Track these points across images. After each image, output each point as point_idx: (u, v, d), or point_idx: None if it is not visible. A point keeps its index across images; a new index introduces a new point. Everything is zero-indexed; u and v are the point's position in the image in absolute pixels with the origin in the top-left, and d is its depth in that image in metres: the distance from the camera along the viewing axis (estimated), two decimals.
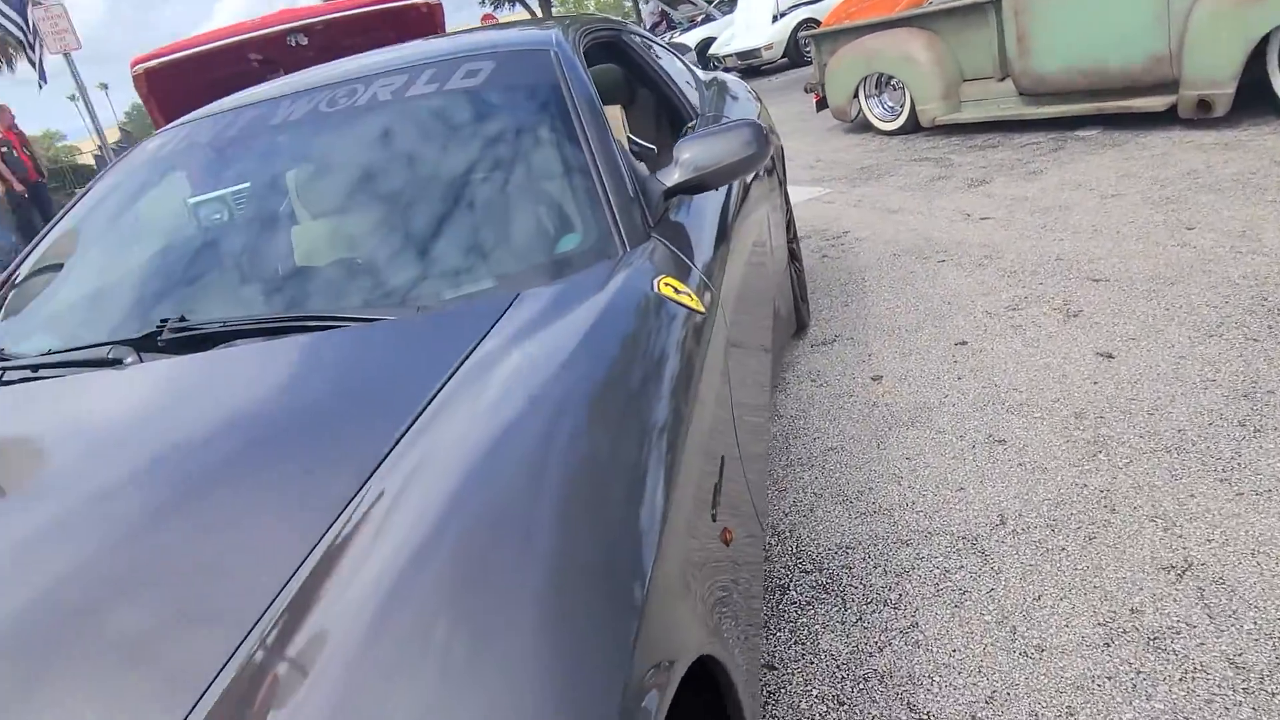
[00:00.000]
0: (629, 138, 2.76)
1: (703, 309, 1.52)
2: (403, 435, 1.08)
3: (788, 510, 2.38)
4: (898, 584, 2.01)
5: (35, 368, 1.62)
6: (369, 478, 1.00)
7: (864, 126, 7.32)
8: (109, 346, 1.56)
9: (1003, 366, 2.89)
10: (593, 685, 0.78)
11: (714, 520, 1.27)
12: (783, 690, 1.79)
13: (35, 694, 0.83)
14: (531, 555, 0.88)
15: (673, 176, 1.81)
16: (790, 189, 5.99)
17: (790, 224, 3.65)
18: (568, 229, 1.69)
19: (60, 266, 2.07)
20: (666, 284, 1.50)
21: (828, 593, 2.04)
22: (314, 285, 1.68)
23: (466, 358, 1.26)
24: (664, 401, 1.23)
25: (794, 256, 3.63)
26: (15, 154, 10.52)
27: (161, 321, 1.57)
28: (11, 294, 1.98)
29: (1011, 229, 4.16)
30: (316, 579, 0.87)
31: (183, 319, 1.58)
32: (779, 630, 1.95)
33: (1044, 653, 1.73)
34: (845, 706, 1.72)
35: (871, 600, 1.98)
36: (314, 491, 1.02)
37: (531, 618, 0.81)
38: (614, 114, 2.74)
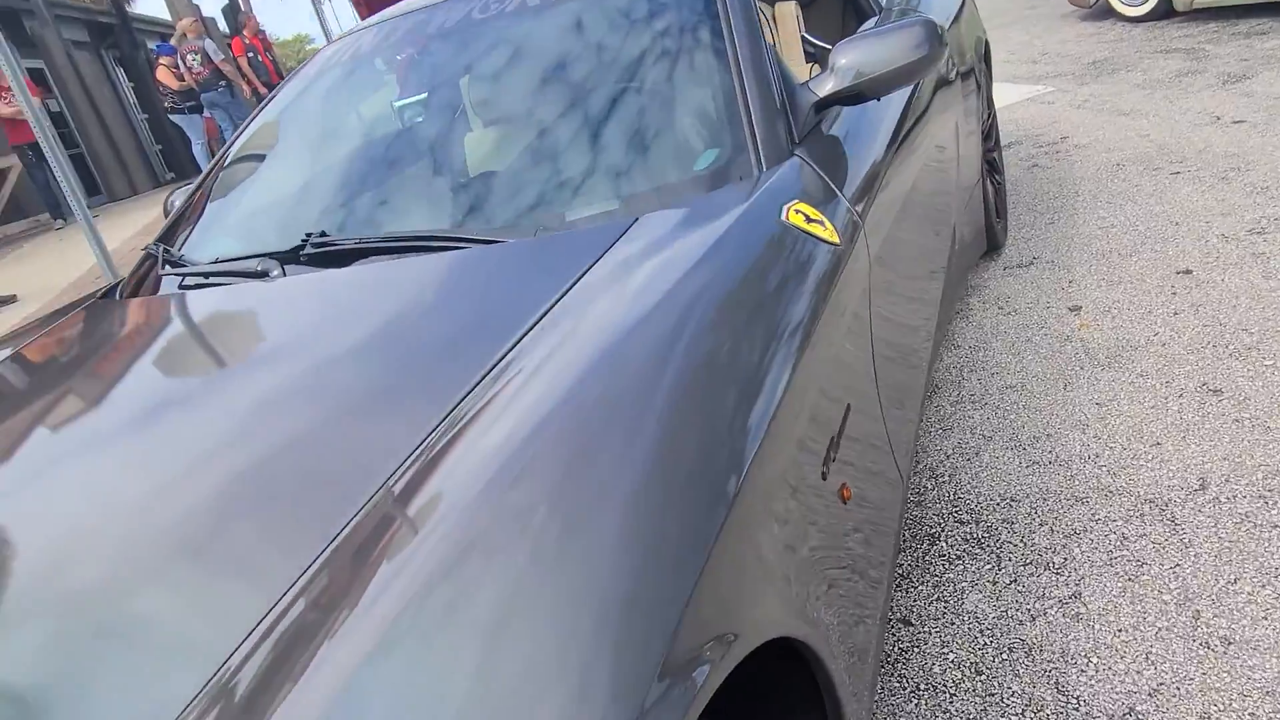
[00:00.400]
0: (804, 37, 2.54)
1: (837, 240, 1.36)
2: (502, 358, 1.08)
3: (950, 452, 2.19)
4: (1064, 546, 1.80)
5: (206, 275, 1.72)
6: (479, 381, 1.04)
7: (1104, 13, 6.44)
8: (258, 259, 1.63)
9: (1232, 302, 2.48)
10: (651, 629, 0.76)
11: (824, 478, 1.16)
12: (916, 650, 1.66)
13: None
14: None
15: (825, 86, 1.62)
16: (1003, 87, 5.41)
17: (992, 131, 3.28)
18: (702, 145, 1.56)
19: (247, 174, 2.18)
20: (798, 211, 1.35)
21: (982, 548, 1.86)
22: (450, 202, 1.66)
23: (571, 288, 1.21)
24: (770, 346, 1.11)
25: (994, 168, 3.28)
26: (259, 58, 11.40)
27: (306, 236, 1.62)
28: (203, 201, 2.11)
29: (1270, 135, 3.53)
30: (437, 455, 0.93)
31: (323, 234, 1.61)
32: (920, 583, 1.81)
33: (1231, 647, 1.49)
34: (983, 676, 1.57)
35: (1031, 562, 1.79)
36: (429, 390, 1.07)
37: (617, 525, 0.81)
38: (788, 11, 2.52)
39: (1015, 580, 1.76)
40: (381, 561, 0.80)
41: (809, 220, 1.34)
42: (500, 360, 1.08)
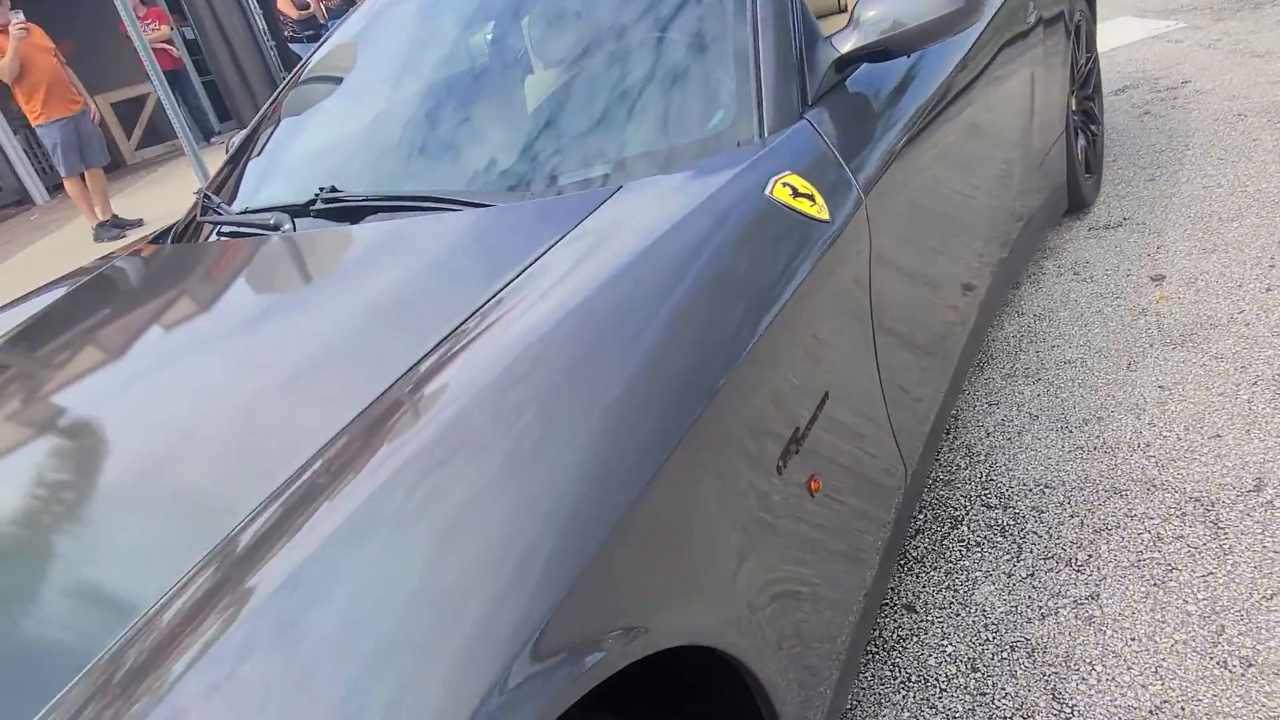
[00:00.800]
0: None
1: (827, 217, 1.28)
2: (457, 327, 1.10)
3: (991, 430, 2.08)
4: (1091, 542, 1.69)
5: (234, 224, 1.77)
6: (421, 359, 1.07)
7: None
8: (274, 213, 1.66)
9: None
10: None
11: (780, 471, 1.11)
12: (915, 638, 1.61)
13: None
14: None
15: (848, 41, 1.51)
16: (1126, 22, 4.95)
17: (1089, 78, 3.01)
18: (709, 105, 1.48)
19: (292, 118, 2.21)
20: (785, 185, 1.27)
21: (1004, 536, 1.77)
22: (449, 160, 1.64)
23: (535, 260, 1.19)
24: (723, 332, 1.06)
25: (1089, 119, 3.02)
26: None
27: (319, 190, 1.64)
28: (252, 146, 2.16)
29: None
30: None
31: (334, 189, 1.63)
32: (933, 568, 1.74)
33: (1250, 669, 1.38)
34: (978, 674, 1.51)
35: (1052, 556, 1.69)
36: (369, 366, 1.11)
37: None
38: None
39: (1032, 574, 1.66)
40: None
41: (796, 195, 1.26)
42: (450, 333, 1.08)
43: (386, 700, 0.67)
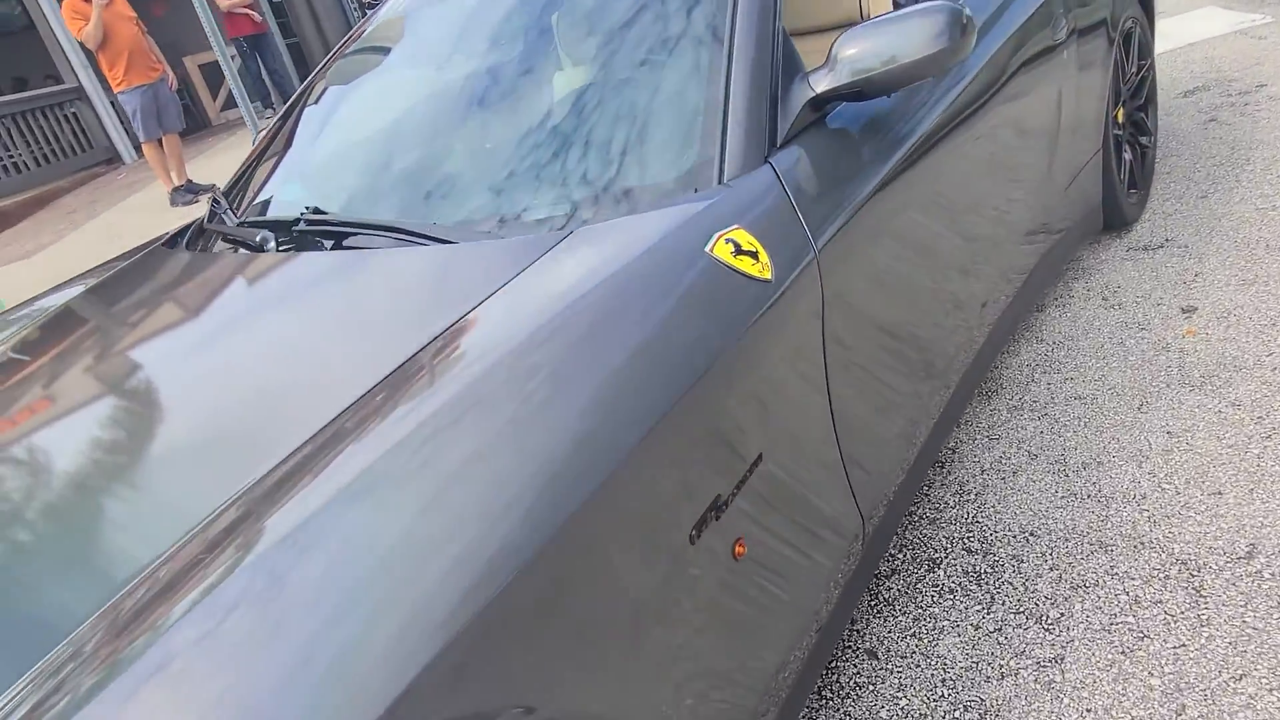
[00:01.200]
0: None
1: (769, 276, 1.25)
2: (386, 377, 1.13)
3: (987, 467, 2.02)
4: (1066, 599, 1.64)
5: (227, 238, 1.83)
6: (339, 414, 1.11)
7: None
8: (261, 231, 1.71)
9: None
10: None
11: (694, 540, 1.10)
12: (871, 687, 1.59)
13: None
14: None
15: (823, 81, 1.46)
16: (1208, 14, 4.65)
17: (1142, 87, 2.86)
18: (672, 146, 1.46)
19: (304, 123, 2.25)
20: (729, 241, 1.25)
21: (979, 584, 1.73)
22: (420, 193, 1.65)
23: (474, 308, 1.21)
24: (637, 395, 1.06)
25: (1140, 129, 2.87)
26: None
27: (304, 210, 1.68)
28: (262, 149, 2.22)
29: None
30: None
31: (317, 210, 1.67)
32: (903, 613, 1.71)
33: None
34: None
35: (1024, 611, 1.64)
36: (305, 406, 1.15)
37: None
38: None
39: (1000, 629, 1.62)
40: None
41: (738, 252, 1.24)
42: (363, 394, 1.11)
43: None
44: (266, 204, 1.93)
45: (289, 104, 2.29)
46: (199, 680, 0.76)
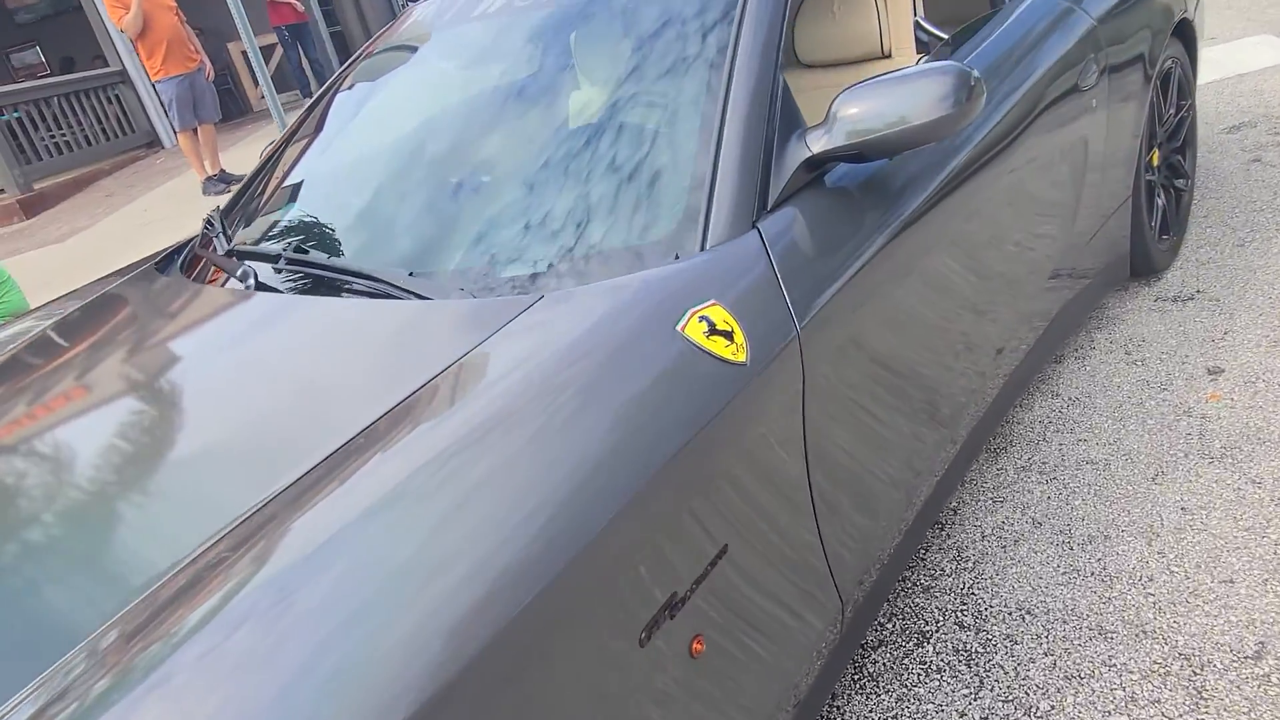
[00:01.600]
0: (918, 22, 2.20)
1: (744, 359, 1.18)
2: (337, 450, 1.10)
3: (988, 532, 1.93)
4: (1059, 691, 1.55)
5: (222, 268, 1.79)
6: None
7: None
8: (241, 267, 1.67)
9: None
10: None
11: (643, 644, 1.04)
12: None
13: None
14: None
15: (820, 141, 1.39)
16: (1259, 43, 4.45)
17: (1181, 128, 2.73)
18: (656, 206, 1.39)
19: (303, 151, 2.20)
20: (702, 319, 1.18)
21: (969, 665, 1.65)
22: (394, 242, 1.59)
23: (428, 382, 1.16)
24: (586, 484, 1.00)
25: (1176, 172, 2.75)
26: None
27: (284, 248, 1.64)
28: (262, 175, 2.18)
29: None
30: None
31: (300, 250, 1.63)
32: (886, 691, 1.64)
33: None
34: None
35: (1012, 699, 1.56)
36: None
37: None
38: None
39: (985, 718, 1.54)
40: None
41: (712, 332, 1.17)
42: (305, 473, 1.07)
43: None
44: (257, 231, 1.90)
45: (290, 126, 2.25)
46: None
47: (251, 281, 1.63)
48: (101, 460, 1.27)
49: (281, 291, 1.54)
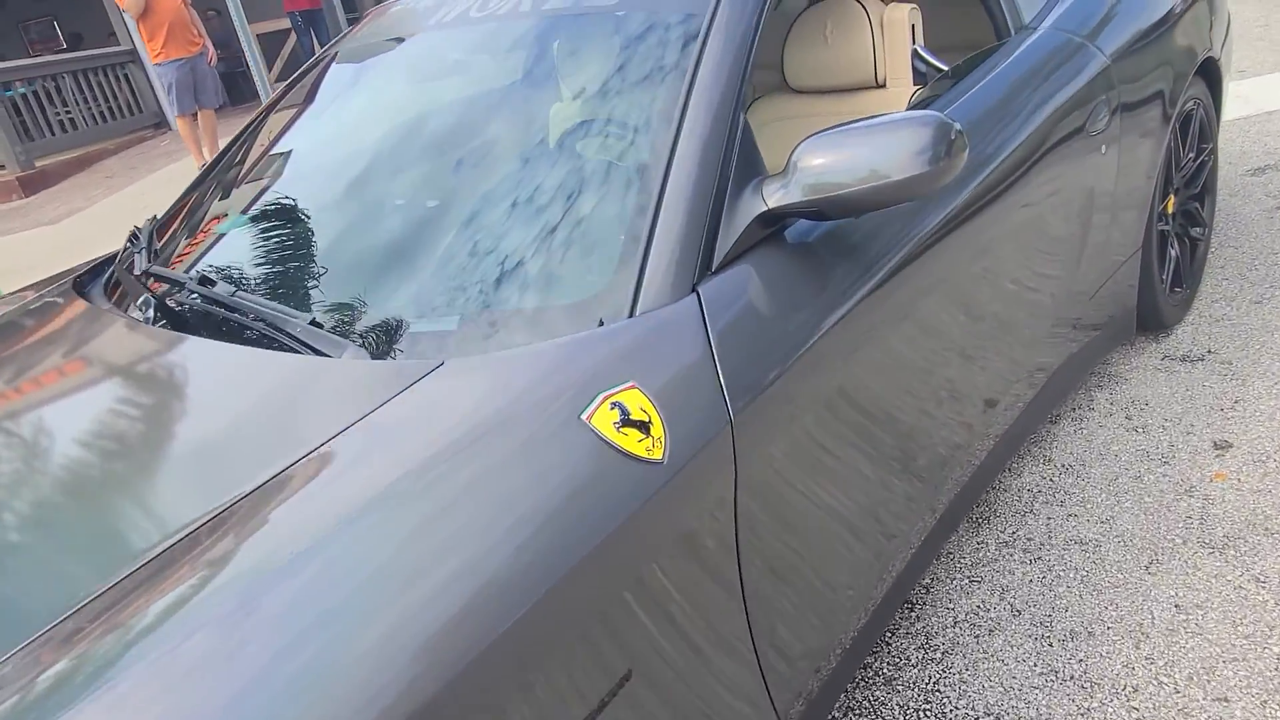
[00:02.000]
0: (917, 50, 2.03)
1: (660, 456, 1.01)
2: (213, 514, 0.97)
3: (960, 618, 1.76)
4: None
5: (130, 293, 1.64)
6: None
7: None
8: (145, 296, 1.52)
9: None
10: None
11: None
12: None
13: None
14: None
15: (776, 195, 1.22)
16: None
17: (1200, 173, 2.55)
18: (585, 264, 1.22)
19: (234, 170, 2.03)
20: (615, 404, 1.01)
21: None
22: (302, 286, 1.42)
23: (308, 454, 1.01)
24: (479, 601, 0.85)
25: (1192, 220, 2.57)
26: None
27: (193, 276, 1.49)
28: (194, 195, 2.01)
29: None
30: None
31: (205, 279, 1.47)
32: None
33: None
34: None
35: None
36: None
37: None
38: (900, 17, 2.02)
39: None
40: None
41: (625, 423, 1.00)
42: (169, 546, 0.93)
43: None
44: (175, 253, 1.74)
45: (225, 148, 2.08)
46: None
47: (151, 313, 1.47)
48: None
49: (173, 327, 1.39)
